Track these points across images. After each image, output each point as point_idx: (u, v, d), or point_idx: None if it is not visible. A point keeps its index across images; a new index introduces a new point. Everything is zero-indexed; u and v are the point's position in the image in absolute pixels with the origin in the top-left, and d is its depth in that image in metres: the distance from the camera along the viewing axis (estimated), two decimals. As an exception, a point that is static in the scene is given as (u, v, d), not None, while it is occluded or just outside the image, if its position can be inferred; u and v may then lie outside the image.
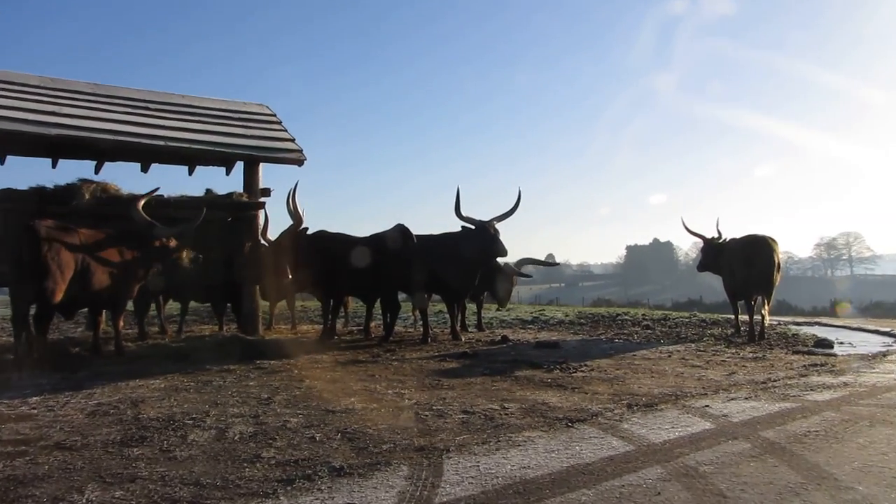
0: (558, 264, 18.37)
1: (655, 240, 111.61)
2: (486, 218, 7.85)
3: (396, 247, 7.62)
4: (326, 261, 7.83)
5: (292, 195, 7.98)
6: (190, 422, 3.75)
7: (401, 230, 7.78)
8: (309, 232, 8.07)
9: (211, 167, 9.19)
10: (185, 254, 6.82)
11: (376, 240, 7.86)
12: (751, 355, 6.76)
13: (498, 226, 7.85)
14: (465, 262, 7.83)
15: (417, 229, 7.92)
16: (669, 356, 6.71)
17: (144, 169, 8.61)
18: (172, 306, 9.89)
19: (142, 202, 6.60)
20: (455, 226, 8.08)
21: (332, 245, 7.97)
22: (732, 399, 4.47)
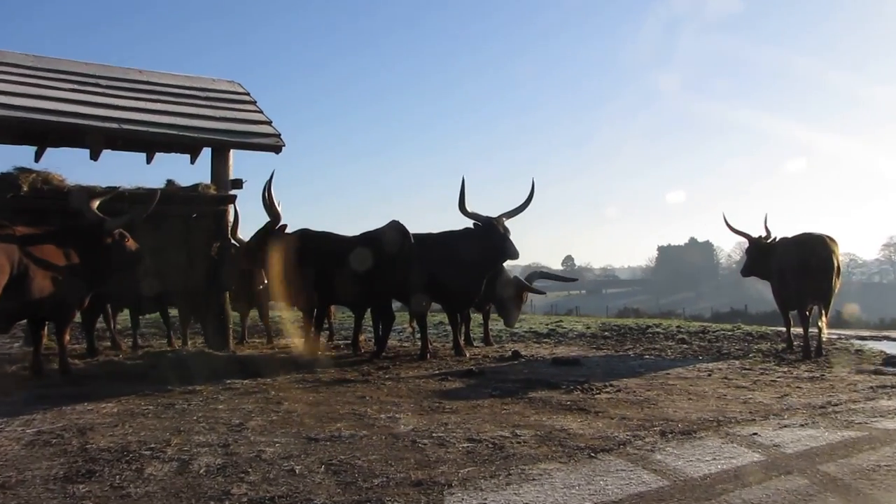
0: (576, 280, 18.49)
1: (692, 239, 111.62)
2: (492, 213, 7.84)
3: (391, 248, 7.59)
4: (309, 264, 7.81)
5: (268, 187, 7.98)
6: (147, 452, 3.73)
7: (396, 228, 7.76)
8: (288, 230, 8.06)
9: (173, 154, 9.19)
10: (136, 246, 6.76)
11: (367, 240, 7.84)
12: (806, 375, 6.73)
13: (508, 223, 7.84)
14: (470, 265, 7.81)
15: (411, 226, 7.90)
16: (709, 375, 6.68)
17: (94, 156, 8.59)
18: (126, 317, 9.88)
19: (97, 203, 6.57)
20: (456, 222, 8.07)
21: (316, 246, 7.95)
22: (785, 426, 4.44)
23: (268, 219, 7.97)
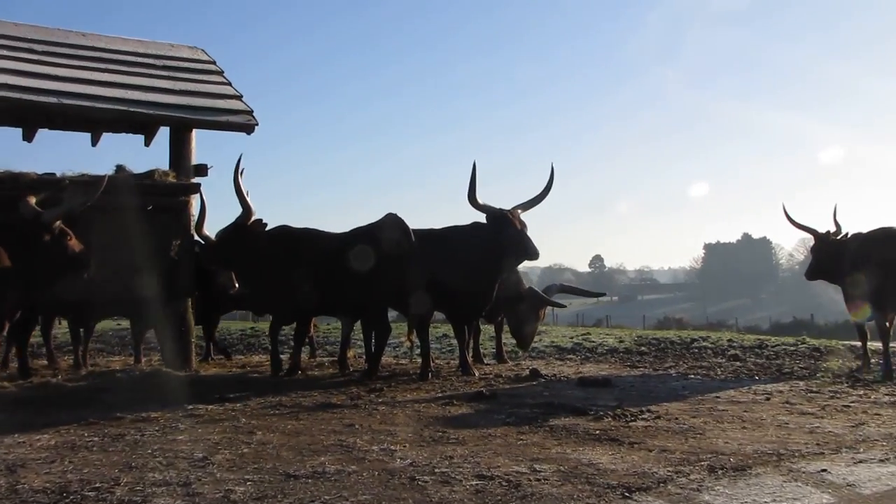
0: (603, 294, 17.72)
1: (746, 236, 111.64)
2: (504, 205, 7.82)
3: (388, 247, 7.56)
4: (290, 267, 7.81)
5: (237, 174, 7.97)
6: (91, 493, 3.72)
7: (394, 223, 7.72)
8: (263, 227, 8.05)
9: (123, 135, 9.18)
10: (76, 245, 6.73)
11: (359, 237, 7.82)
12: (887, 399, 6.70)
13: (525, 216, 7.82)
14: (481, 267, 7.80)
15: (408, 220, 7.88)
16: (767, 399, 6.66)
17: (28, 136, 8.61)
18: (66, 330, 9.90)
19: (34, 200, 6.56)
20: (462, 217, 8.06)
21: (299, 245, 7.94)
22: (861, 461, 4.41)
23: (241, 211, 7.98)
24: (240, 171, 8.03)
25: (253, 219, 7.94)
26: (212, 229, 8.54)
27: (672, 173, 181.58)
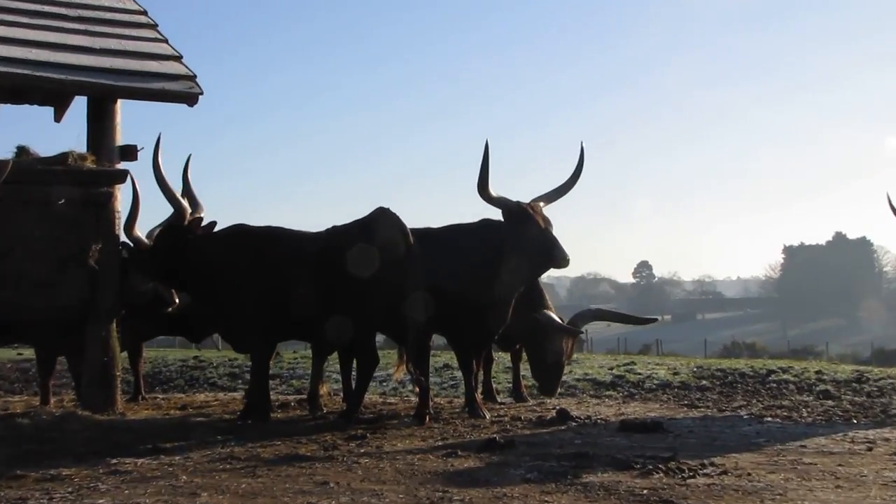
0: (654, 320, 16.02)
1: (839, 236, 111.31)
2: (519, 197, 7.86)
3: (380, 250, 7.47)
4: (247, 278, 7.79)
5: (156, 160, 7.97)
6: (-15, 573, 3.72)
7: (386, 219, 7.66)
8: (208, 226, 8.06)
9: (26, 106, 9.19)
10: None
11: (340, 238, 7.75)
12: None
13: (548, 210, 7.85)
14: (493, 278, 7.80)
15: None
16: (869, 449, 6.64)
17: None
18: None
19: None
20: (466, 213, 8.07)
21: (259, 250, 7.93)
22: None
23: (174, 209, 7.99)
24: (160, 154, 8.01)
25: (191, 217, 7.93)
26: (145, 229, 8.55)
27: (743, 156, 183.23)
